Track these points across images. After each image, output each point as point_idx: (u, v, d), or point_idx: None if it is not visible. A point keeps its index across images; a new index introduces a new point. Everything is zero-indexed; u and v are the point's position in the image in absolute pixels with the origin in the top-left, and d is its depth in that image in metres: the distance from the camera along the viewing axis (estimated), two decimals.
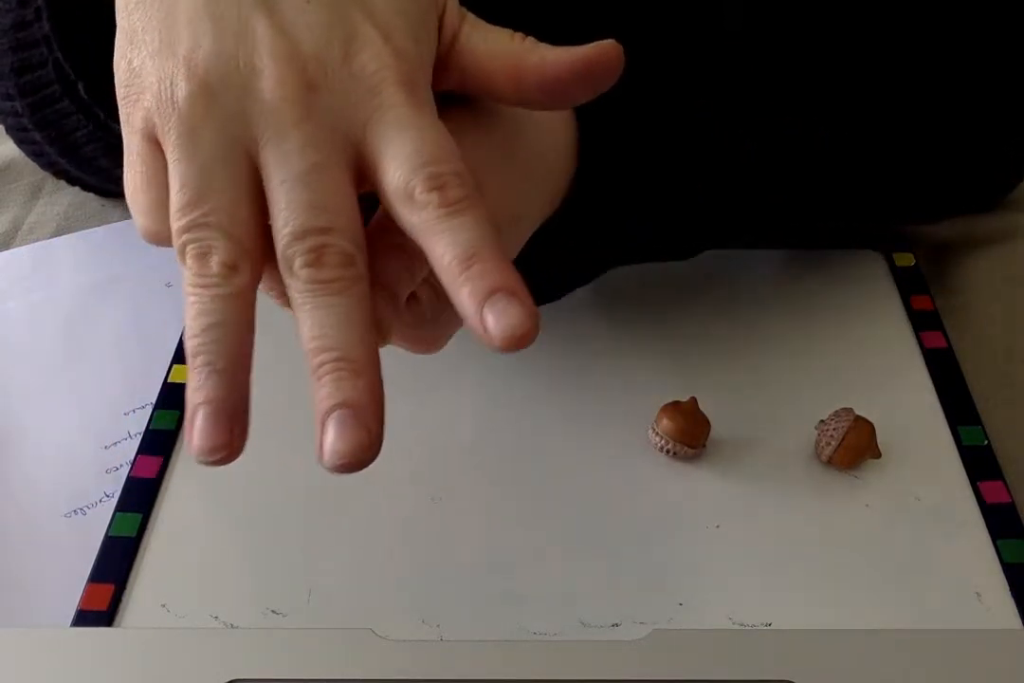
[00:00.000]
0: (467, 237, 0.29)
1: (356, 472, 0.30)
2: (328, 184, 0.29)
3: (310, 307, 0.30)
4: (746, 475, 0.45)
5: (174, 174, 0.30)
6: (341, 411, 0.30)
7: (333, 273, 0.29)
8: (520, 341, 0.28)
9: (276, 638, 0.36)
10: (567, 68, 0.32)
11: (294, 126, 0.29)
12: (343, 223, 0.29)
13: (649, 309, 0.53)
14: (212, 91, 0.30)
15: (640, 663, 0.35)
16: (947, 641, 0.36)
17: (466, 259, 0.28)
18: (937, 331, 0.51)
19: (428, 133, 0.30)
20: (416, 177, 0.29)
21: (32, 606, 0.42)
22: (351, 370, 0.29)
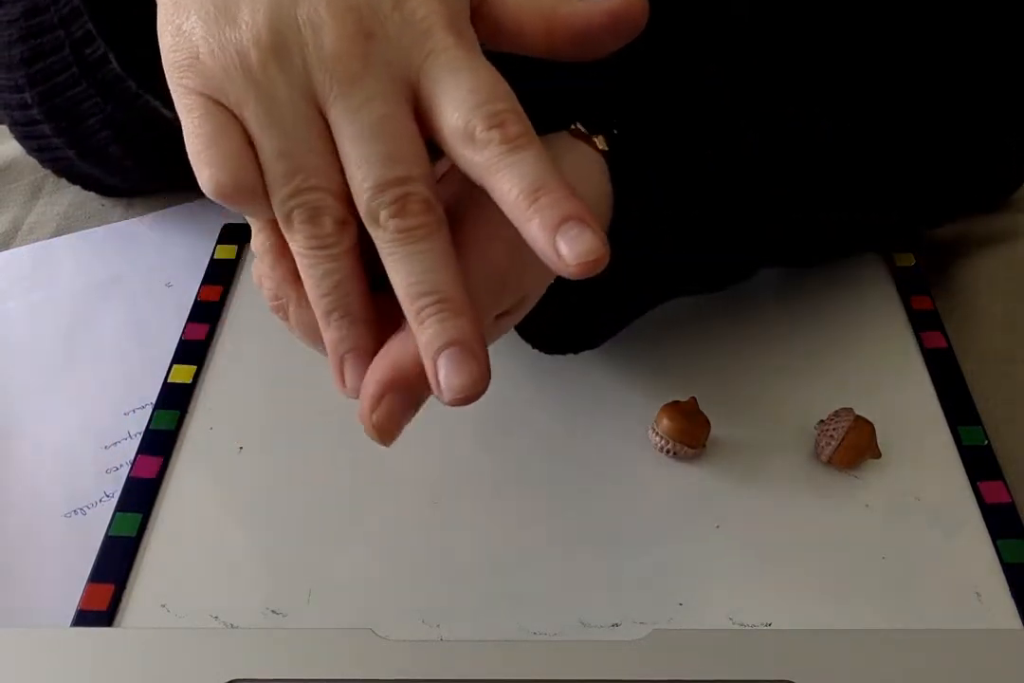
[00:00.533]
0: (532, 170, 0.30)
1: (472, 403, 0.31)
2: (398, 134, 0.31)
3: (402, 255, 0.30)
4: (746, 475, 0.45)
5: (265, 140, 0.31)
6: (451, 349, 0.30)
7: (418, 220, 0.30)
8: (595, 265, 0.29)
9: (276, 638, 0.36)
10: (596, 20, 0.33)
11: (358, 79, 0.30)
12: (418, 171, 0.30)
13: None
14: (279, 54, 0.31)
15: (640, 663, 0.35)
16: (947, 641, 0.36)
17: (533, 191, 0.29)
18: (937, 331, 0.51)
19: (481, 73, 0.31)
20: (475, 116, 0.30)
21: (32, 606, 0.42)
22: (452, 310, 0.30)
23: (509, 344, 0.51)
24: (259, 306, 0.53)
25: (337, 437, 0.47)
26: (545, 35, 0.34)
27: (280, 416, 0.48)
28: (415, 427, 0.47)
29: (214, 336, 0.51)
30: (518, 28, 0.34)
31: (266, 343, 0.51)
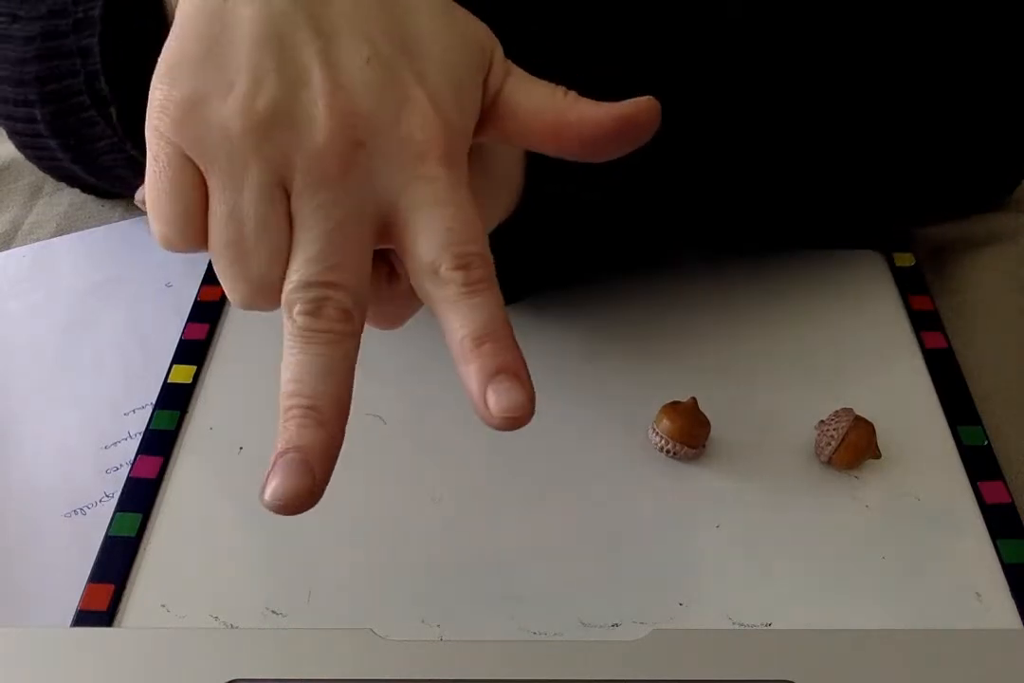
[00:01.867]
0: (483, 316, 0.31)
1: (292, 515, 0.31)
2: (347, 243, 0.31)
3: (297, 351, 0.30)
4: (746, 475, 0.45)
5: (217, 206, 0.31)
6: (293, 455, 0.30)
7: (327, 325, 0.30)
8: (517, 422, 0.31)
9: (276, 638, 0.36)
10: (605, 127, 0.33)
11: (332, 183, 0.31)
12: (352, 283, 0.31)
13: (649, 309, 0.53)
14: (266, 131, 0.30)
15: (640, 663, 0.35)
16: (947, 641, 0.36)
17: (479, 337, 0.30)
18: (937, 331, 0.51)
19: (461, 212, 0.31)
20: (445, 254, 0.31)
21: (32, 606, 0.42)
22: (316, 420, 0.30)
23: None
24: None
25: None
26: (554, 140, 0.34)
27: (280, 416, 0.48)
28: (415, 427, 0.47)
29: (214, 336, 0.51)
30: (527, 132, 0.34)
31: (266, 343, 0.51)
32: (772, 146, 0.47)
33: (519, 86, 0.34)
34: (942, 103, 0.49)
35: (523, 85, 0.34)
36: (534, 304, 0.53)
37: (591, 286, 0.54)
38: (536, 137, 0.34)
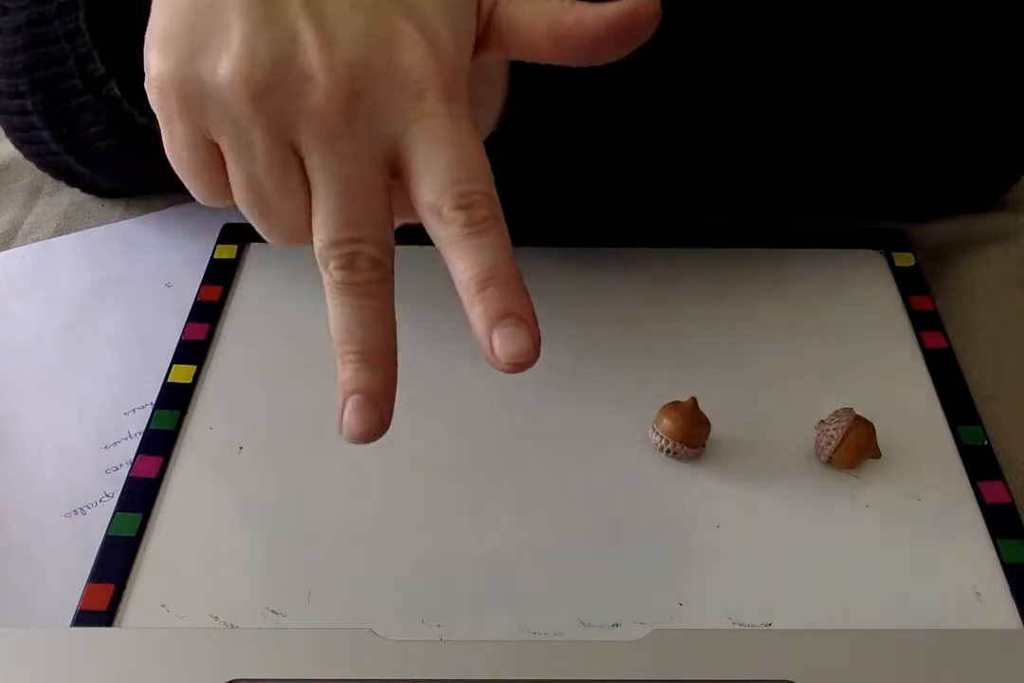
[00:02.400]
0: (488, 257, 0.31)
1: (366, 444, 0.33)
2: (364, 195, 0.32)
3: (340, 303, 0.32)
4: (746, 475, 0.45)
5: (235, 172, 0.33)
6: (357, 397, 0.32)
7: (363, 276, 0.32)
8: (522, 366, 0.32)
9: (276, 638, 0.36)
10: (605, 27, 0.33)
11: (339, 138, 0.31)
12: (375, 233, 0.32)
13: (649, 309, 0.53)
14: (264, 97, 0.31)
15: (640, 663, 0.35)
16: (947, 641, 0.36)
17: (484, 279, 0.31)
18: (937, 331, 0.51)
19: (463, 149, 0.31)
20: (447, 193, 0.31)
21: (32, 606, 0.42)
22: (370, 362, 0.32)
23: None
24: (259, 306, 0.54)
25: (337, 437, 0.47)
26: (552, 45, 0.34)
27: (280, 416, 0.48)
28: (415, 427, 0.47)
29: (214, 336, 0.51)
30: (526, 44, 0.34)
31: (266, 343, 0.51)
32: (769, 133, 0.47)
33: (512, 1, 0.34)
34: (941, 96, 0.49)
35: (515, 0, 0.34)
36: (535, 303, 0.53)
37: (592, 286, 0.54)
38: (537, 48, 0.34)
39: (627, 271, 0.55)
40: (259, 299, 0.54)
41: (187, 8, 0.32)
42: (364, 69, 0.31)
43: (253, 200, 0.33)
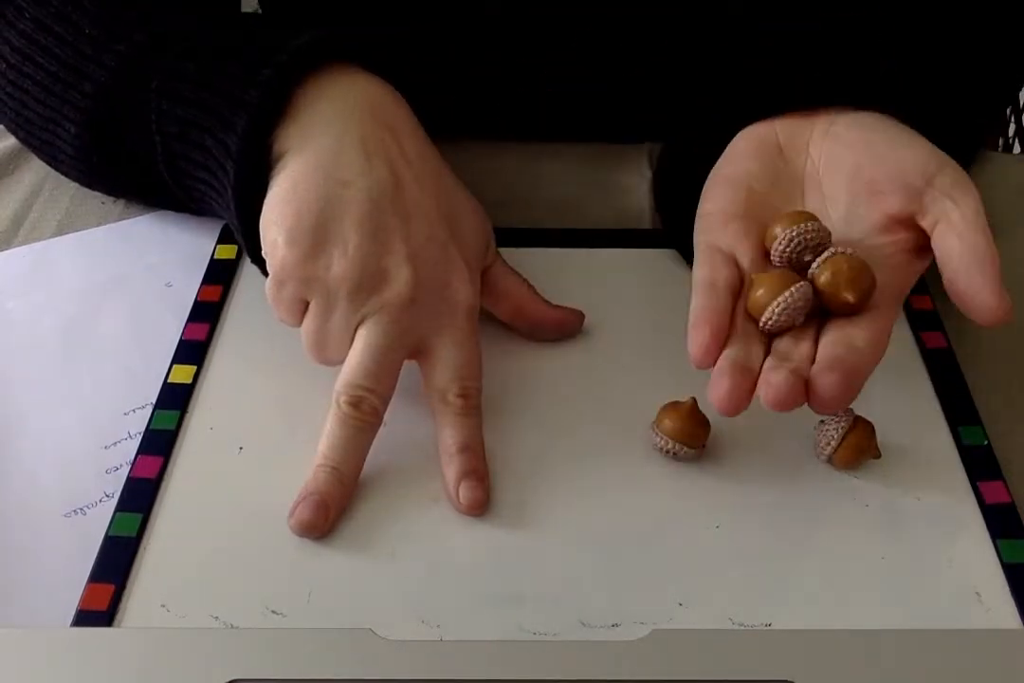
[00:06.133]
0: (468, 433, 0.45)
1: (308, 538, 0.43)
2: (387, 363, 0.45)
3: (336, 426, 0.44)
4: (746, 475, 0.45)
5: (312, 324, 0.46)
6: (315, 497, 0.43)
7: (362, 416, 0.44)
8: (477, 511, 0.43)
9: (276, 638, 0.36)
10: (548, 322, 0.51)
11: (392, 322, 0.44)
12: (382, 389, 0.44)
13: (649, 309, 0.53)
14: (358, 291, 0.44)
15: (640, 663, 0.35)
16: (947, 641, 0.36)
17: (462, 447, 0.44)
18: (937, 331, 0.51)
19: (472, 356, 0.46)
20: (454, 384, 0.45)
21: (32, 606, 0.42)
22: (339, 477, 0.44)
23: (508, 344, 0.51)
24: (259, 306, 0.54)
25: None
26: (512, 318, 0.51)
27: (280, 416, 0.48)
28: (415, 427, 0.47)
29: (214, 336, 0.51)
30: (495, 305, 0.50)
31: (266, 343, 0.51)
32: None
33: (501, 272, 0.50)
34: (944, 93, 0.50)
35: (503, 272, 0.50)
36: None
37: (592, 286, 0.54)
38: (501, 311, 0.51)
39: (627, 271, 0.55)
40: (259, 299, 0.53)
41: (315, 211, 0.44)
42: (426, 287, 0.45)
43: (314, 341, 0.46)
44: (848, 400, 0.39)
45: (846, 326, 0.41)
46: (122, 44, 0.49)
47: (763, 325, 0.42)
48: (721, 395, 0.39)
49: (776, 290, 0.41)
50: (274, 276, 0.45)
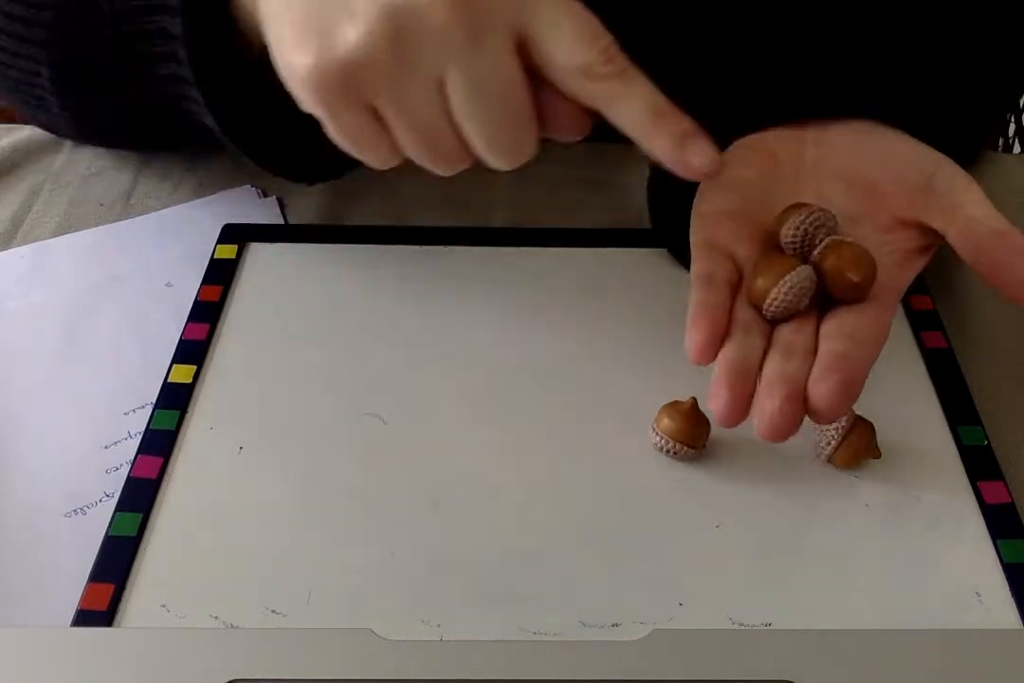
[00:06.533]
0: (647, 96, 0.36)
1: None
2: (517, 77, 0.36)
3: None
4: (746, 475, 0.45)
5: (398, 129, 0.37)
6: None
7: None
8: (716, 171, 0.36)
9: (276, 638, 0.36)
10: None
11: (470, 46, 0.35)
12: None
13: (649, 309, 0.53)
14: (397, 43, 0.35)
15: (640, 663, 0.35)
16: (947, 641, 0.36)
17: (655, 113, 0.36)
18: (937, 331, 0.51)
19: (583, 15, 0.36)
20: (590, 54, 0.36)
21: (32, 606, 0.42)
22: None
23: (508, 344, 0.51)
24: (259, 306, 0.54)
25: (337, 437, 0.47)
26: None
27: (280, 416, 0.48)
28: (415, 427, 0.47)
29: (214, 336, 0.51)
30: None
31: (266, 343, 0.51)
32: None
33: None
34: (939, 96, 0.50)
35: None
36: (535, 303, 0.53)
37: (592, 286, 0.54)
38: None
39: (627, 271, 0.55)
40: (259, 299, 0.54)
41: (306, 2, 0.36)
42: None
43: (422, 145, 0.37)
44: (846, 406, 0.39)
45: (847, 316, 0.41)
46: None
47: (767, 307, 0.41)
48: (720, 408, 0.39)
49: (781, 272, 0.41)
50: (313, 101, 0.37)
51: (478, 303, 0.53)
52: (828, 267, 0.41)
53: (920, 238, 0.44)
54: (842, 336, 0.40)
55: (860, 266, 0.41)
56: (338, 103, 0.36)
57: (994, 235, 0.41)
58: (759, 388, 0.39)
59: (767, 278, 0.41)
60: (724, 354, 0.40)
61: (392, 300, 0.53)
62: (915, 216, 0.43)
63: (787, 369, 0.39)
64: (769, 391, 0.38)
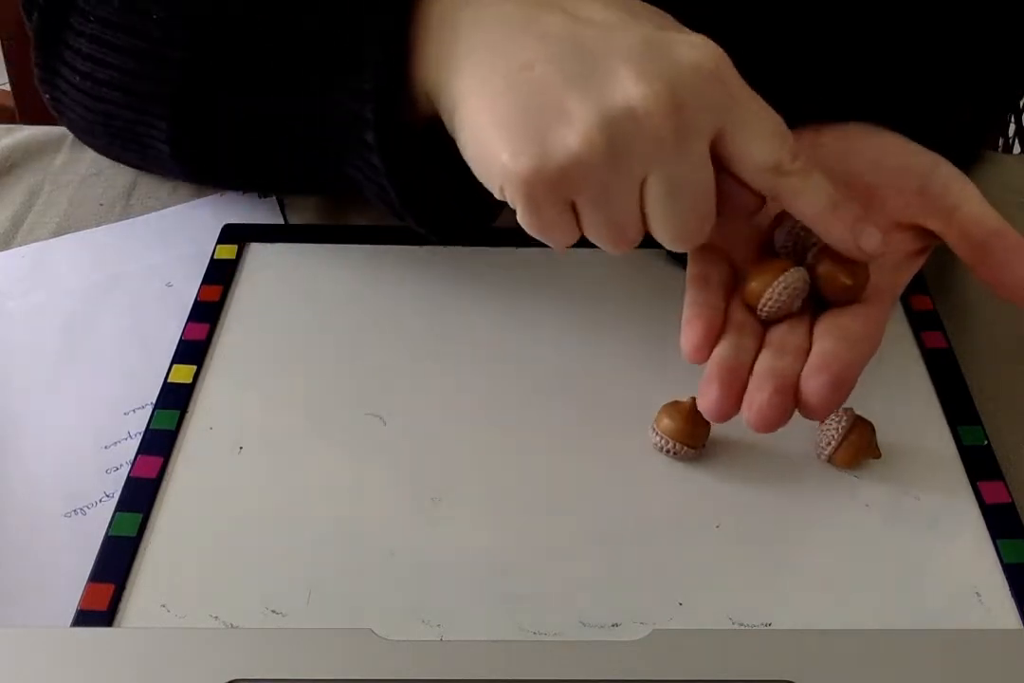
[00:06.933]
0: (824, 189, 0.39)
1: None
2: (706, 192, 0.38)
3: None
4: (746, 475, 0.45)
5: (591, 225, 0.39)
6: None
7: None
8: (883, 247, 0.40)
9: (276, 638, 0.36)
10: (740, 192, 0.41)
11: (676, 151, 0.37)
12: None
13: (650, 308, 0.53)
14: (612, 149, 0.36)
15: (640, 663, 0.35)
16: (947, 641, 0.36)
17: (831, 204, 0.39)
18: (937, 331, 0.51)
19: (774, 117, 0.39)
20: (782, 154, 0.38)
21: (32, 606, 0.41)
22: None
23: (508, 344, 0.51)
24: (259, 306, 0.54)
25: (337, 437, 0.47)
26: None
27: (280, 416, 0.48)
28: (415, 427, 0.47)
29: (214, 336, 0.51)
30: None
31: (266, 343, 0.51)
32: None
33: None
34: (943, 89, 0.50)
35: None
36: (535, 303, 0.53)
37: (592, 286, 0.54)
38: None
39: (627, 271, 0.55)
40: (259, 299, 0.54)
41: (515, 102, 0.37)
42: (673, 81, 0.36)
43: (608, 233, 0.39)
44: (836, 404, 0.39)
45: (841, 317, 0.41)
46: (192, 21, 0.47)
47: (761, 308, 0.41)
48: (708, 404, 0.39)
49: (775, 274, 0.41)
50: (518, 199, 0.38)
51: (478, 303, 0.53)
52: (822, 270, 0.41)
53: (917, 240, 0.44)
54: (834, 336, 0.40)
55: (853, 269, 0.41)
56: (543, 202, 0.37)
57: (992, 235, 0.42)
58: (750, 383, 0.39)
59: (761, 279, 0.41)
60: (717, 352, 0.40)
61: (392, 300, 0.53)
62: (912, 218, 0.43)
63: (778, 365, 0.39)
64: (759, 385, 0.39)
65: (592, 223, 0.39)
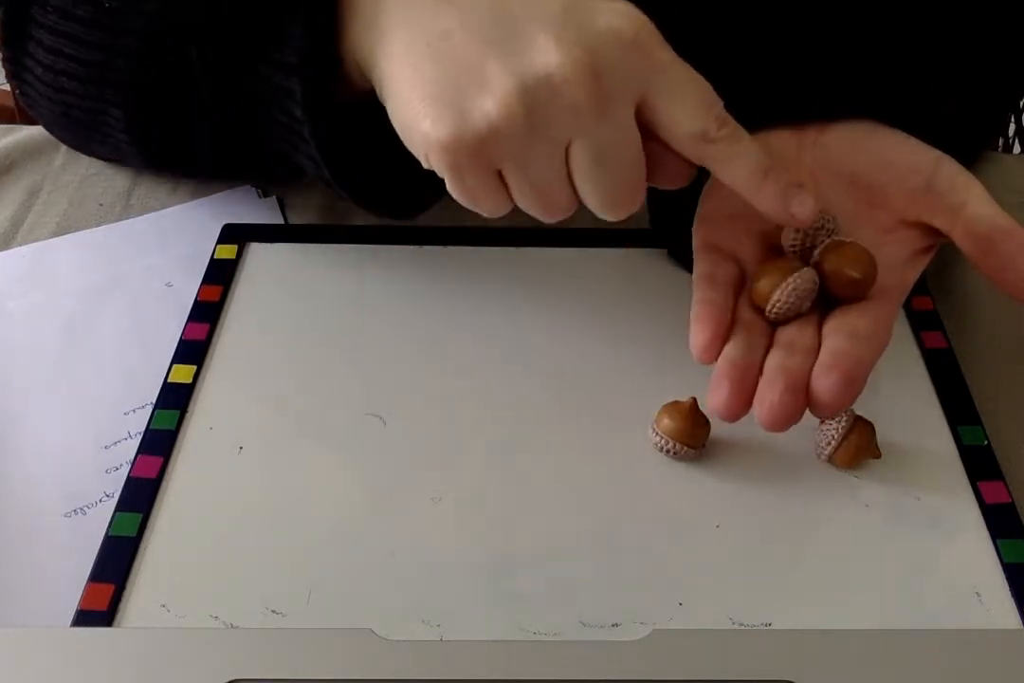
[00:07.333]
0: (756, 157, 0.39)
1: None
2: (633, 159, 0.38)
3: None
4: (746, 475, 0.45)
5: (518, 192, 0.39)
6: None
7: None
8: (815, 214, 0.40)
9: (276, 638, 0.36)
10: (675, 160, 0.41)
11: (598, 118, 0.37)
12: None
13: (650, 308, 0.53)
14: (531, 117, 0.36)
15: (640, 663, 0.35)
16: (947, 641, 0.36)
17: (762, 170, 0.39)
18: (937, 331, 0.51)
19: (701, 82, 0.38)
20: (708, 120, 0.38)
21: (32, 606, 0.42)
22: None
23: (508, 344, 0.51)
24: (259, 306, 0.54)
25: (337, 437, 0.47)
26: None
27: (280, 416, 0.48)
28: (415, 426, 0.47)
29: (214, 336, 0.51)
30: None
31: (266, 343, 0.51)
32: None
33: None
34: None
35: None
36: (535, 303, 0.53)
37: (592, 286, 0.54)
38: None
39: (627, 271, 0.55)
40: (259, 299, 0.54)
41: (436, 69, 0.38)
42: (592, 48, 0.36)
43: (537, 201, 0.39)
44: (848, 402, 0.39)
45: (850, 314, 0.41)
46: (143, 7, 0.47)
47: (770, 309, 0.41)
48: (719, 404, 0.39)
49: (783, 275, 0.41)
50: (440, 166, 0.38)
51: (477, 303, 0.53)
52: (828, 266, 0.41)
53: (923, 238, 0.44)
54: (844, 334, 0.40)
55: (860, 263, 0.41)
56: (467, 168, 0.38)
57: (998, 232, 0.41)
58: (760, 382, 0.39)
59: (770, 281, 0.41)
60: (726, 352, 0.40)
61: (392, 300, 0.53)
62: (917, 216, 0.43)
63: (788, 364, 0.39)
64: (770, 384, 0.39)
65: (519, 190, 0.39)
